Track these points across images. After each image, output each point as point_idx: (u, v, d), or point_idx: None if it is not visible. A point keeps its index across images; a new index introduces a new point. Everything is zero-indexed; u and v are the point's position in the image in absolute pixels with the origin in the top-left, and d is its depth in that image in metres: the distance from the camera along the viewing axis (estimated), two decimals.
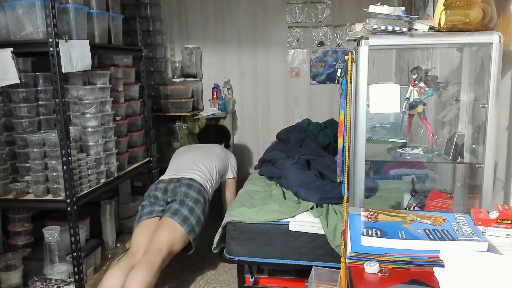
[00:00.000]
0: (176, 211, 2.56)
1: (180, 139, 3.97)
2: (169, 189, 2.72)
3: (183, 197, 2.63)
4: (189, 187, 2.68)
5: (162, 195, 2.71)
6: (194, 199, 2.63)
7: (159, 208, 2.68)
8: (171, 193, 2.69)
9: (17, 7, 2.20)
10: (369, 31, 1.57)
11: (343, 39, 4.04)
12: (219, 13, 4.18)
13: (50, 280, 2.32)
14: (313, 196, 2.46)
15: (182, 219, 2.52)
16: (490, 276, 1.00)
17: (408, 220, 1.30)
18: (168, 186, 2.73)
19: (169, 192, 2.70)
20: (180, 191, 2.66)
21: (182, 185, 2.69)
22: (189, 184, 2.70)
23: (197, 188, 2.70)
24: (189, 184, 2.70)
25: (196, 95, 4.12)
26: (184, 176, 2.77)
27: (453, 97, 1.83)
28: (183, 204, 2.59)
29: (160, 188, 2.74)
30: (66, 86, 2.49)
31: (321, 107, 4.18)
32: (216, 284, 2.77)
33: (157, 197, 2.71)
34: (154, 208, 2.67)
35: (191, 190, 2.67)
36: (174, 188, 2.70)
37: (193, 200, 2.63)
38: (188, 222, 2.53)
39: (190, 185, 2.70)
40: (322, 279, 2.08)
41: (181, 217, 2.53)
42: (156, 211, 2.66)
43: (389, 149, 1.80)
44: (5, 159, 2.41)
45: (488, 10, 1.45)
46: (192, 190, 2.67)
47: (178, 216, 2.53)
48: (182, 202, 2.60)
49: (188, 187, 2.68)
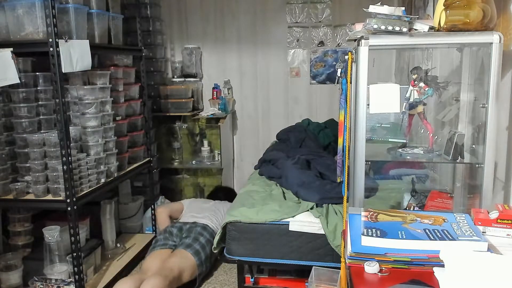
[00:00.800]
0: (189, 244, 2.73)
1: (180, 139, 3.97)
2: (184, 228, 2.92)
3: (197, 235, 2.82)
4: (203, 229, 2.89)
5: (177, 232, 2.90)
6: (206, 239, 2.80)
7: (172, 243, 2.84)
8: (186, 231, 2.88)
9: (17, 7, 2.20)
10: (369, 31, 1.57)
11: (343, 39, 4.04)
12: (219, 13, 4.18)
13: (50, 280, 2.32)
14: (313, 196, 2.46)
15: (195, 252, 2.68)
16: (490, 276, 1.00)
17: (408, 220, 1.30)
18: (184, 226, 2.93)
19: (184, 231, 2.89)
20: (195, 230, 2.86)
21: (198, 226, 2.90)
22: (204, 227, 2.92)
23: (210, 232, 2.89)
24: (204, 227, 2.92)
25: (196, 95, 4.12)
26: (200, 222, 2.98)
27: (453, 97, 1.83)
28: (196, 241, 2.76)
29: (176, 226, 2.94)
30: (66, 86, 2.49)
31: (321, 107, 4.18)
32: (216, 284, 2.77)
33: (171, 233, 2.89)
34: (168, 242, 2.83)
35: (205, 231, 2.87)
36: (189, 228, 2.90)
37: (206, 240, 2.80)
38: (199, 255, 2.69)
39: (205, 227, 2.92)
40: (322, 279, 2.08)
41: (193, 250, 2.69)
42: (169, 244, 2.82)
43: (389, 149, 1.80)
44: (5, 159, 2.41)
45: (488, 10, 1.45)
46: (206, 232, 2.88)
47: (191, 248, 2.70)
48: (196, 239, 2.78)
49: (202, 229, 2.89)
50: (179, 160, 3.97)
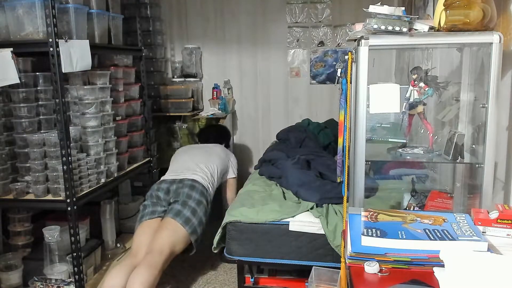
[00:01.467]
0: (178, 212, 2.56)
1: (180, 139, 3.96)
2: (171, 190, 2.71)
3: (186, 198, 2.63)
4: (191, 189, 2.68)
5: (165, 195, 2.70)
6: (196, 201, 2.63)
7: (161, 209, 2.67)
8: (174, 194, 2.69)
9: (17, 7, 2.20)
10: (369, 31, 1.57)
11: (343, 39, 4.04)
12: (219, 13, 4.18)
13: (50, 280, 2.32)
14: (313, 196, 2.46)
15: (184, 220, 2.52)
16: (490, 276, 1.00)
17: (408, 220, 1.30)
18: (171, 187, 2.72)
19: (172, 193, 2.70)
20: (182, 192, 2.66)
21: (185, 186, 2.68)
22: (192, 185, 2.70)
23: (200, 190, 2.70)
24: (192, 186, 2.69)
25: (196, 95, 4.12)
26: (187, 177, 2.76)
27: (453, 97, 1.83)
28: (185, 205, 2.59)
29: (162, 188, 2.73)
30: (66, 86, 2.49)
31: (321, 107, 4.18)
32: (216, 284, 2.77)
33: (159, 197, 2.71)
34: (156, 209, 2.67)
35: (193, 191, 2.67)
36: (176, 189, 2.70)
37: (196, 201, 2.63)
38: (190, 223, 2.53)
39: (193, 186, 2.70)
40: (322, 279, 2.08)
41: (183, 218, 2.53)
42: (158, 211, 2.66)
43: (389, 149, 1.80)
44: (5, 159, 2.41)
45: (488, 10, 1.45)
46: (194, 191, 2.67)
47: (180, 217, 2.53)
48: (185, 203, 2.60)
49: (190, 189, 2.68)
50: None
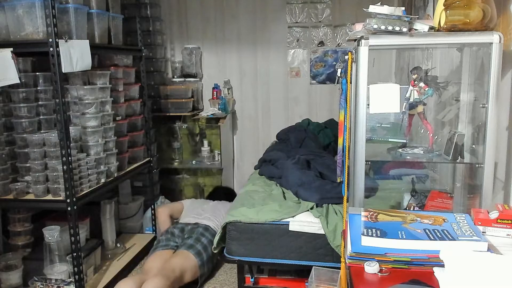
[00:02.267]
0: (191, 245, 2.72)
1: (180, 139, 3.97)
2: (186, 229, 2.91)
3: (199, 236, 2.81)
4: (205, 230, 2.88)
5: (179, 233, 2.90)
6: (208, 240, 2.79)
7: (174, 243, 2.84)
8: (188, 232, 2.87)
9: (17, 7, 2.20)
10: (369, 31, 1.57)
11: (343, 39, 4.04)
12: (219, 13, 4.18)
13: (50, 280, 2.32)
14: (313, 196, 2.46)
15: (197, 252, 2.68)
16: (490, 276, 1.00)
17: (408, 220, 1.30)
18: (186, 227, 2.93)
19: (186, 232, 2.89)
20: (197, 231, 2.85)
21: (200, 227, 2.90)
22: (206, 227, 2.91)
23: (212, 233, 2.86)
24: (206, 228, 2.90)
25: (196, 95, 4.11)
26: (201, 222, 2.97)
27: (453, 97, 1.83)
28: (198, 242, 2.76)
29: (178, 227, 2.95)
30: (66, 86, 2.49)
31: (321, 107, 4.18)
32: (216, 284, 2.77)
33: (173, 234, 2.90)
34: (170, 243, 2.83)
35: (207, 232, 2.86)
36: (191, 228, 2.90)
37: (208, 240, 2.78)
38: (201, 256, 2.68)
39: (207, 228, 2.90)
40: (322, 279, 2.08)
41: (195, 250, 2.69)
42: (171, 245, 2.82)
43: (389, 149, 1.80)
44: (5, 159, 2.41)
45: (488, 10, 1.45)
46: (208, 233, 2.86)
47: (193, 249, 2.69)
48: (198, 239, 2.78)
49: (204, 230, 2.88)
50: (179, 160, 3.97)
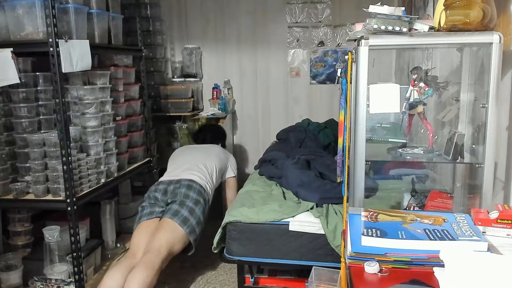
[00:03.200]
0: (176, 212, 2.56)
1: (180, 139, 3.96)
2: (169, 190, 2.71)
3: (183, 198, 2.63)
4: (189, 188, 2.68)
5: (162, 196, 2.71)
6: (194, 200, 2.64)
7: (158, 209, 2.68)
8: (171, 194, 2.69)
9: (17, 7, 2.20)
10: (369, 31, 1.56)
11: (343, 39, 4.04)
12: (219, 13, 4.18)
13: (50, 280, 2.32)
14: (313, 196, 2.46)
15: (182, 220, 2.53)
16: (490, 276, 1.00)
17: (408, 220, 1.30)
18: (168, 188, 2.73)
19: (169, 194, 2.70)
20: (180, 192, 2.66)
21: (182, 186, 2.69)
22: (189, 185, 2.70)
23: (197, 189, 2.70)
24: (189, 185, 2.70)
25: (196, 95, 4.12)
26: (184, 178, 2.76)
27: (453, 97, 1.83)
28: (183, 205, 2.59)
29: (159, 189, 2.73)
30: (66, 86, 2.49)
31: (321, 107, 4.18)
32: (216, 284, 2.77)
33: (156, 198, 2.71)
34: (154, 209, 2.67)
35: (191, 191, 2.67)
36: (174, 189, 2.70)
37: (193, 201, 2.63)
38: (188, 223, 2.54)
39: (190, 186, 2.70)
40: (322, 279, 2.08)
41: (181, 218, 2.53)
42: (156, 212, 2.66)
43: (389, 149, 1.80)
44: (5, 159, 2.41)
45: (488, 10, 1.45)
46: (192, 191, 2.68)
47: (178, 217, 2.54)
48: (182, 203, 2.61)
49: (188, 188, 2.68)
50: None
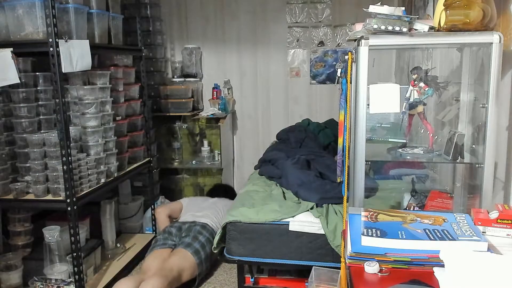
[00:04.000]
0: (189, 244, 2.72)
1: (180, 139, 3.97)
2: (183, 228, 2.90)
3: (197, 234, 2.80)
4: (203, 228, 2.88)
5: (176, 231, 2.88)
6: (206, 238, 2.80)
7: (171, 242, 2.83)
8: (186, 230, 2.86)
9: (17, 7, 2.20)
10: (369, 31, 1.57)
11: (343, 39, 4.04)
12: (219, 13, 4.18)
13: (50, 280, 2.32)
14: (313, 196, 2.46)
15: (194, 251, 2.68)
16: (490, 276, 1.00)
17: (408, 220, 1.30)
18: (183, 226, 2.92)
19: (184, 230, 2.88)
20: (194, 229, 2.84)
21: (197, 225, 2.89)
22: (204, 225, 2.91)
23: (210, 231, 2.88)
24: (203, 226, 2.90)
25: (196, 95, 4.11)
26: (199, 220, 2.97)
27: (453, 97, 1.83)
28: (196, 240, 2.75)
29: (175, 226, 2.93)
30: (66, 86, 2.49)
31: (321, 107, 4.18)
32: (216, 284, 2.77)
33: (171, 233, 2.88)
34: (167, 242, 2.82)
35: (204, 230, 2.86)
36: (189, 227, 2.89)
37: (205, 238, 2.79)
38: (199, 255, 2.68)
39: (204, 226, 2.90)
40: (322, 279, 2.08)
41: (193, 249, 2.68)
42: (169, 244, 2.81)
43: (389, 149, 1.80)
44: (5, 159, 2.41)
45: (488, 10, 1.45)
46: (205, 231, 2.86)
47: (191, 248, 2.69)
48: (195, 238, 2.77)
49: (202, 228, 2.88)
50: (179, 160, 3.97)
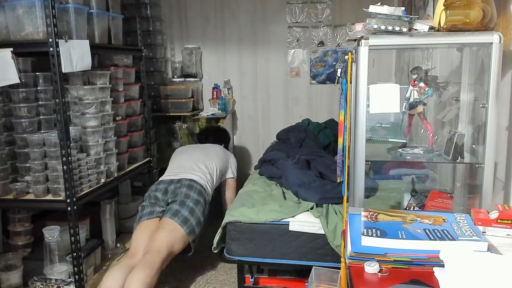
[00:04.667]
0: (176, 212, 2.56)
1: (180, 139, 3.97)
2: (169, 190, 2.71)
3: (184, 198, 2.63)
4: (189, 188, 2.68)
5: (163, 196, 2.70)
6: (194, 200, 2.63)
7: (159, 209, 2.68)
8: (172, 194, 2.69)
9: (17, 7, 2.20)
10: (369, 31, 1.56)
11: (343, 39, 4.04)
12: (219, 13, 4.18)
13: (50, 280, 2.32)
14: (313, 196, 2.46)
15: (182, 220, 2.53)
16: (490, 276, 1.00)
17: (408, 220, 1.30)
18: (169, 187, 2.73)
19: (170, 193, 2.70)
20: (180, 192, 2.66)
21: (183, 186, 2.69)
22: (190, 185, 2.70)
23: (198, 189, 2.70)
24: (189, 185, 2.70)
25: (196, 95, 4.12)
26: (185, 177, 2.77)
27: (453, 97, 1.83)
28: (183, 205, 2.59)
29: (160, 189, 2.73)
30: (66, 86, 2.49)
31: (321, 107, 4.18)
32: (216, 284, 2.77)
33: (157, 197, 2.71)
34: (154, 209, 2.67)
35: (191, 191, 2.67)
36: (174, 189, 2.70)
37: (194, 201, 2.63)
38: (188, 223, 2.53)
39: (191, 186, 2.70)
40: (322, 279, 2.08)
41: (181, 218, 2.53)
42: (156, 211, 2.66)
43: (389, 149, 1.80)
44: (5, 159, 2.41)
45: (488, 10, 1.45)
46: (192, 191, 2.68)
47: (179, 217, 2.53)
48: (183, 203, 2.60)
49: (188, 188, 2.68)
50: None
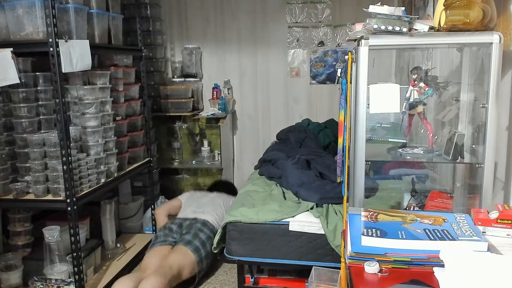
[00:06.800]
0: (189, 241, 2.70)
1: (180, 139, 3.97)
2: (184, 224, 2.88)
3: (197, 231, 2.78)
4: (203, 225, 2.86)
5: (177, 228, 2.87)
6: (206, 236, 2.78)
7: (172, 239, 2.82)
8: (186, 228, 2.85)
9: (17, 7, 2.20)
10: (369, 31, 1.56)
11: (343, 39, 4.04)
12: (219, 13, 4.18)
13: (50, 280, 2.32)
14: (313, 196, 2.46)
15: (194, 248, 2.66)
16: (490, 276, 1.00)
17: (408, 220, 1.30)
18: (184, 223, 2.90)
19: (184, 227, 2.86)
20: (195, 227, 2.82)
21: (198, 223, 2.87)
22: (204, 222, 2.88)
23: (210, 228, 2.86)
24: (204, 223, 2.88)
25: (196, 95, 4.12)
26: (200, 217, 2.94)
27: (453, 97, 1.83)
28: (196, 237, 2.73)
29: (175, 223, 2.91)
30: (66, 86, 2.49)
31: (321, 107, 4.18)
32: (216, 284, 2.77)
33: (171, 229, 2.87)
34: (167, 238, 2.81)
35: (205, 227, 2.84)
36: (189, 224, 2.87)
37: (206, 236, 2.77)
38: (199, 252, 2.66)
39: (205, 223, 2.88)
40: (322, 279, 2.08)
41: (193, 247, 2.66)
42: (169, 241, 2.80)
43: (389, 149, 1.80)
44: (5, 159, 2.41)
45: (488, 10, 1.45)
46: (206, 228, 2.84)
47: (191, 245, 2.67)
48: (196, 235, 2.75)
49: (203, 225, 2.86)
50: (179, 160, 3.97)
